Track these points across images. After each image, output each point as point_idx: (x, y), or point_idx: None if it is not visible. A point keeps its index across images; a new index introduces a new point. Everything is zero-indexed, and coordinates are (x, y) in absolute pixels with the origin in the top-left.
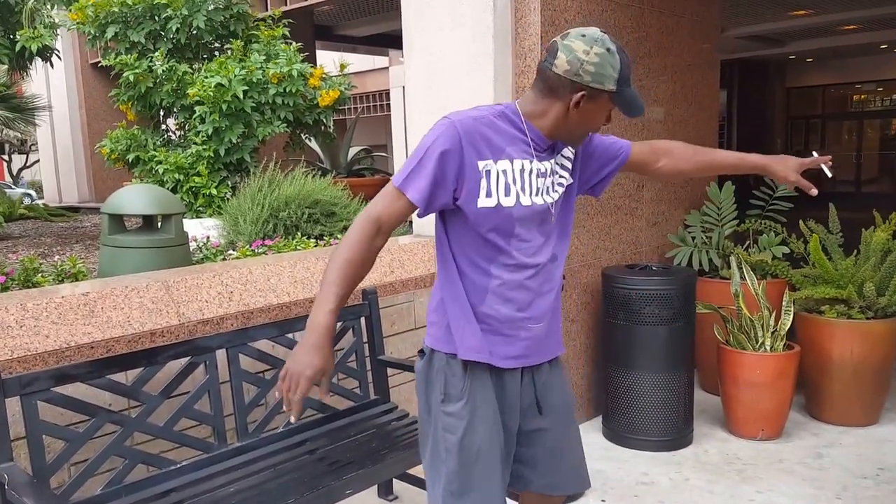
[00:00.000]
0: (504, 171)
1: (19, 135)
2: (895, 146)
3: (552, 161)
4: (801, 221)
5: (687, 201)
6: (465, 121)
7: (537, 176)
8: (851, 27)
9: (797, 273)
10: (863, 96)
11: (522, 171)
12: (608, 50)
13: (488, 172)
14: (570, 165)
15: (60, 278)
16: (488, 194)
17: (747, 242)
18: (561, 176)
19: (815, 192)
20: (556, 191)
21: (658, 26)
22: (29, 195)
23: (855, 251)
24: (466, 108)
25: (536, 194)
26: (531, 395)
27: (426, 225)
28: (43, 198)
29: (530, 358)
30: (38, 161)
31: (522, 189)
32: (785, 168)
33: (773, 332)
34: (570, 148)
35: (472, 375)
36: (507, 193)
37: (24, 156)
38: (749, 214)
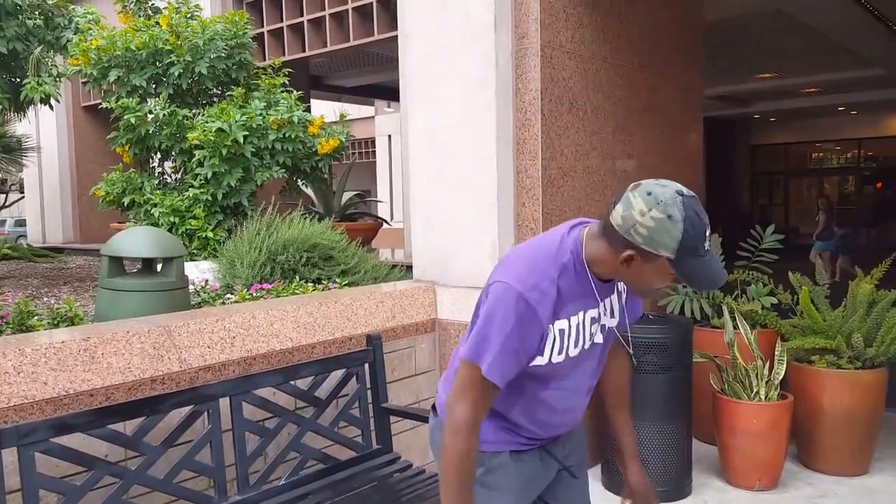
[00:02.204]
0: (561, 331)
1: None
2: (852, 202)
3: (611, 298)
4: (789, 273)
5: None
6: (535, 296)
7: (591, 323)
8: (812, 90)
9: (787, 323)
10: (821, 154)
11: (579, 325)
12: (669, 217)
13: (562, 331)
14: (616, 306)
15: (56, 322)
16: (541, 353)
17: (735, 292)
18: (610, 317)
19: None
20: (602, 333)
21: (646, 85)
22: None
23: (842, 302)
24: (526, 263)
25: (589, 340)
26: (555, 462)
27: (427, 270)
28: (26, 237)
29: (546, 441)
30: (17, 201)
31: (575, 343)
32: (631, 487)
33: (766, 382)
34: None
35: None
36: (560, 352)
37: (3, 195)
38: (736, 265)
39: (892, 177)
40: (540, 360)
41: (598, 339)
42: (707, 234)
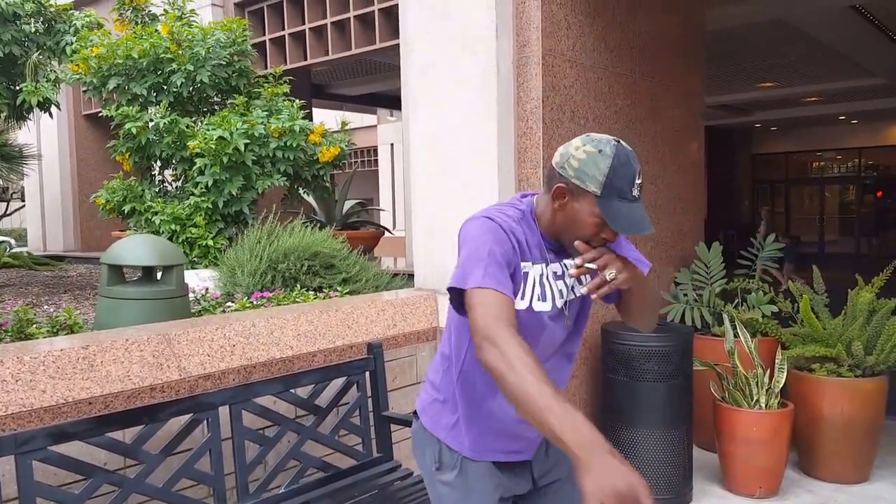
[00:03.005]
0: (525, 274)
1: (1, 183)
2: (853, 210)
3: (567, 261)
4: (789, 281)
5: (677, 260)
6: (507, 224)
7: (555, 279)
8: (813, 99)
9: (787, 332)
10: (822, 163)
11: (543, 275)
12: (600, 151)
13: (526, 275)
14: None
15: (55, 330)
16: (522, 296)
17: (736, 300)
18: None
19: None
20: (573, 293)
21: (649, 94)
22: (7, 243)
23: (842, 311)
24: (492, 209)
25: (560, 296)
26: (529, 480)
27: (428, 279)
28: (26, 245)
29: (525, 454)
30: (18, 209)
31: (542, 296)
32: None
33: (767, 390)
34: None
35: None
36: (543, 298)
37: (4, 204)
38: (737, 273)
39: (893, 186)
40: (521, 304)
41: (568, 296)
42: (636, 181)
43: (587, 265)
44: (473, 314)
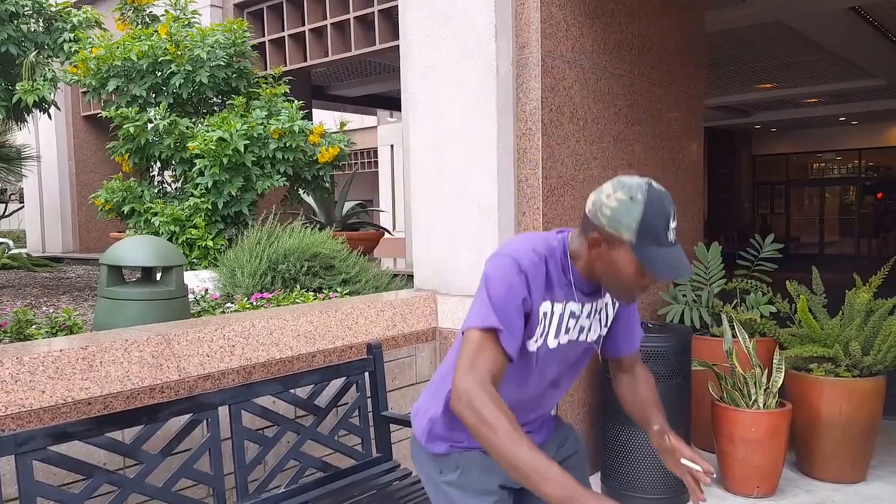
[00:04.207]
0: (545, 314)
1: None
2: (853, 212)
3: (592, 304)
4: (787, 282)
5: None
6: (528, 265)
7: (570, 317)
8: (813, 100)
9: (785, 332)
10: (823, 164)
11: (562, 314)
12: (631, 199)
13: (545, 314)
14: (607, 316)
15: (55, 331)
16: (536, 336)
17: (735, 301)
18: (598, 322)
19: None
20: (585, 335)
21: (648, 95)
22: (6, 244)
23: (840, 311)
24: (519, 240)
25: (565, 333)
26: None
27: (428, 280)
28: (25, 247)
29: None
30: (17, 210)
31: (556, 332)
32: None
33: (765, 390)
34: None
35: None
36: (557, 335)
37: (3, 205)
38: (736, 274)
39: (893, 187)
40: (534, 345)
41: (573, 336)
42: (671, 224)
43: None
44: (460, 357)
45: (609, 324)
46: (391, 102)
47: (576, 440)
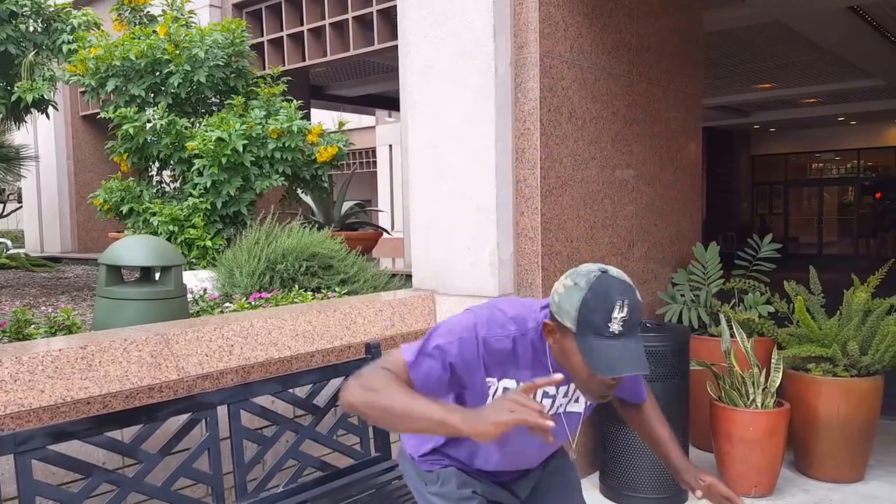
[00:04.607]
0: (506, 389)
1: None
2: (852, 212)
3: (567, 387)
4: (784, 282)
5: (674, 260)
6: (491, 339)
7: (542, 398)
8: (811, 100)
9: (783, 332)
10: (821, 165)
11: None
12: (575, 284)
13: (488, 388)
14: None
15: (53, 330)
16: (482, 404)
17: (733, 301)
18: (574, 402)
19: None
20: (569, 405)
21: (646, 95)
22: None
23: (838, 311)
24: (508, 308)
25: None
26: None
27: (427, 280)
28: (23, 247)
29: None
30: (15, 210)
31: None
32: (689, 475)
33: (763, 390)
34: None
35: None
36: None
37: (1, 205)
38: (734, 274)
39: (892, 187)
40: None
41: (552, 411)
42: (615, 314)
43: None
44: (370, 365)
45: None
46: (390, 102)
47: (563, 454)
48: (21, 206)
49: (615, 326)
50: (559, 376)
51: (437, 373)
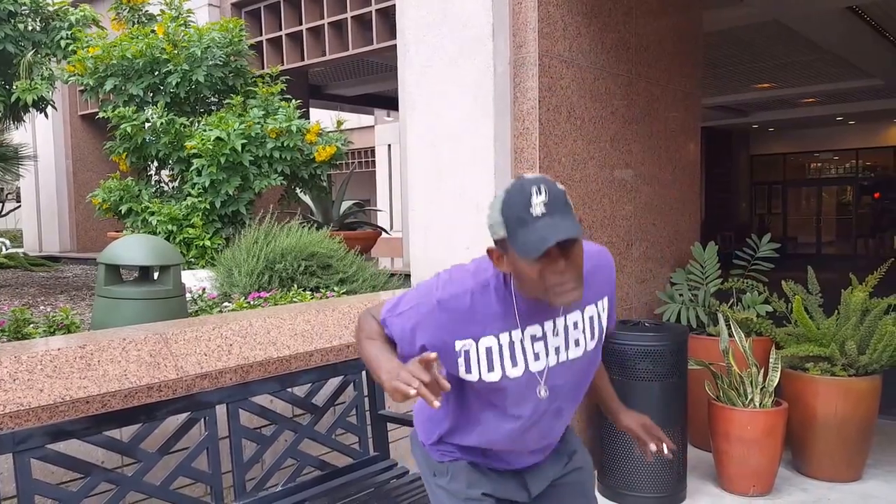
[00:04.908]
0: (488, 349)
1: None
2: (850, 212)
3: (557, 320)
4: (783, 282)
5: (672, 260)
6: (450, 301)
7: (532, 342)
8: (810, 100)
9: (781, 331)
10: (820, 164)
11: (512, 343)
12: (496, 197)
13: (467, 352)
14: (593, 326)
15: (52, 330)
16: (468, 370)
17: (731, 300)
18: (582, 335)
19: (651, 448)
20: (567, 350)
21: (645, 94)
22: (3, 244)
23: (836, 311)
24: (465, 272)
25: (536, 360)
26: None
27: (426, 277)
28: (21, 246)
29: (515, 465)
30: (14, 210)
31: (512, 361)
32: (629, 419)
33: (761, 389)
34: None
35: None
36: (491, 369)
37: (0, 204)
38: (732, 273)
39: (890, 187)
40: (469, 377)
41: (552, 360)
42: (532, 200)
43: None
44: (367, 310)
45: (602, 332)
46: (388, 102)
47: (583, 455)
48: (20, 206)
49: (537, 210)
50: (433, 355)
51: (404, 335)
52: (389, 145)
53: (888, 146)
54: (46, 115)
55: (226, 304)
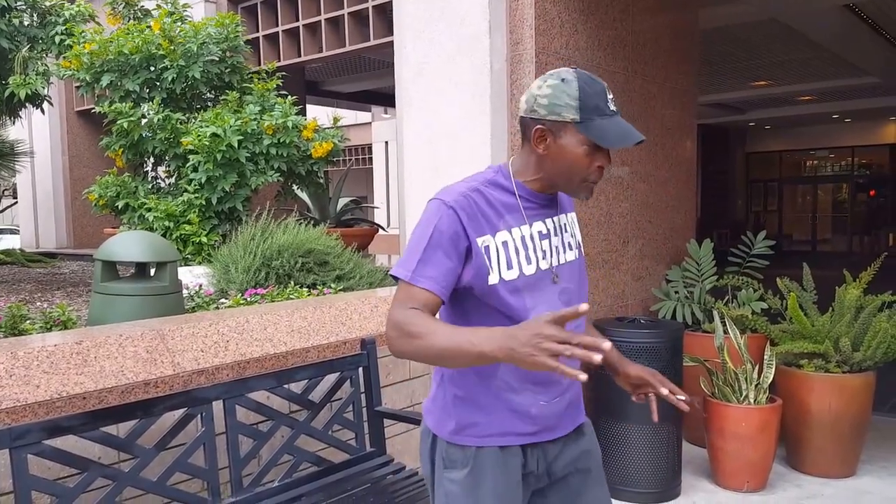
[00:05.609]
0: (505, 243)
1: None
2: (846, 209)
3: (555, 218)
4: (777, 279)
5: (668, 257)
6: (458, 199)
7: (540, 239)
8: (807, 98)
9: (776, 328)
10: (816, 162)
11: (523, 238)
12: (563, 80)
13: (487, 248)
14: (575, 237)
15: (49, 326)
16: (489, 269)
17: (726, 297)
18: (571, 235)
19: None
20: (565, 252)
21: (642, 92)
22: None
23: (830, 308)
24: (455, 183)
25: (544, 258)
26: (543, 468)
27: None
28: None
29: (540, 435)
30: (10, 206)
31: (527, 258)
32: (636, 368)
33: (756, 385)
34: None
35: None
36: (510, 266)
37: None
38: (727, 270)
39: (886, 184)
40: (492, 279)
41: (556, 259)
42: (608, 95)
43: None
44: (391, 307)
45: (580, 247)
46: (385, 98)
47: (596, 456)
48: (16, 202)
49: (612, 105)
50: (585, 306)
51: (441, 262)
52: (386, 142)
53: (884, 144)
54: (42, 111)
55: (222, 300)
